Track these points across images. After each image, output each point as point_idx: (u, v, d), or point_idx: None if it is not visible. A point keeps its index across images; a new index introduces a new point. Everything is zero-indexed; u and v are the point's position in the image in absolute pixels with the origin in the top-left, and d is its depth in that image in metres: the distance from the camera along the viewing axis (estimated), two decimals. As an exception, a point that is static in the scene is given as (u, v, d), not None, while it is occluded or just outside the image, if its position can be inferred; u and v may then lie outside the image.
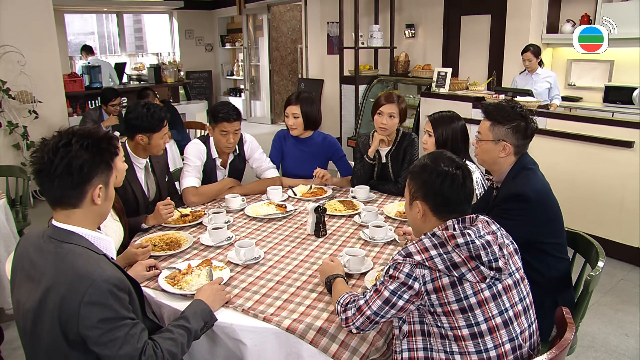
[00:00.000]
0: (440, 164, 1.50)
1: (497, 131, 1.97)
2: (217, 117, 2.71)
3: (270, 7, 9.26)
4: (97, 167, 1.34)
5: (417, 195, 1.52)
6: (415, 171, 1.55)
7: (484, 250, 1.37)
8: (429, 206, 1.50)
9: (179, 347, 1.43)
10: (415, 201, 1.52)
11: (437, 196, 1.48)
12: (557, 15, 5.43)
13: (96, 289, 1.24)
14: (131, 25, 11.63)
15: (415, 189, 1.53)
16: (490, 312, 1.37)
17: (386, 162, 2.89)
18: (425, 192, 1.50)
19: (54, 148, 1.30)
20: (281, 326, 1.55)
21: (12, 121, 4.94)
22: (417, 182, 1.53)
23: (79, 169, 1.30)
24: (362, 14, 6.20)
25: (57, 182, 1.30)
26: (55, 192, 1.32)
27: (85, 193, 1.34)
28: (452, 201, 1.47)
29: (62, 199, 1.34)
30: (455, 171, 1.48)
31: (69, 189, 1.32)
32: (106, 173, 1.37)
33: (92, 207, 1.36)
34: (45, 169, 1.30)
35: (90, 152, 1.32)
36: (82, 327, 1.24)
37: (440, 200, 1.48)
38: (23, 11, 4.98)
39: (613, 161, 3.56)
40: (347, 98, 6.15)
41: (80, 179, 1.31)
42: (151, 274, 1.86)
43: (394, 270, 1.42)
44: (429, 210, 1.50)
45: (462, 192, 1.48)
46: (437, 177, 1.47)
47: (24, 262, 1.37)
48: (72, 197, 1.33)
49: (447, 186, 1.46)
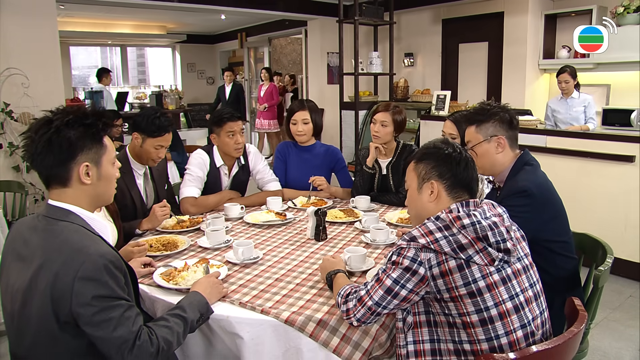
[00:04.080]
0: (452, 146, 1.50)
1: (484, 130, 1.95)
2: (222, 119, 2.70)
3: (271, 40, 9.48)
4: (81, 144, 1.30)
5: (429, 176, 1.48)
6: (425, 152, 1.52)
7: (490, 231, 1.33)
8: (444, 185, 1.46)
9: (175, 336, 1.36)
10: (428, 182, 1.48)
11: (453, 175, 1.46)
12: (553, 41, 5.54)
13: (92, 263, 1.19)
14: (134, 59, 11.88)
15: (427, 170, 1.49)
16: (500, 297, 1.30)
17: (387, 173, 2.87)
18: (440, 171, 1.47)
19: (37, 126, 1.29)
20: (279, 318, 1.49)
21: (13, 142, 4.94)
22: (429, 162, 1.49)
23: (58, 146, 1.27)
24: (362, 44, 6.32)
25: (39, 159, 1.28)
26: (41, 170, 1.30)
27: (70, 171, 1.30)
28: (468, 180, 1.46)
29: (50, 178, 1.31)
30: (464, 154, 1.49)
31: (52, 167, 1.29)
32: (94, 150, 1.32)
33: (82, 186, 1.32)
34: (30, 148, 1.29)
35: (72, 128, 1.28)
36: (75, 304, 1.18)
37: (455, 180, 1.46)
38: (30, 35, 5.07)
39: (614, 177, 3.53)
40: (347, 124, 6.18)
41: (61, 156, 1.28)
42: (146, 271, 1.80)
43: (397, 255, 1.36)
44: (443, 190, 1.46)
45: (474, 171, 1.48)
46: (453, 157, 1.47)
47: (16, 244, 1.33)
48: (57, 175, 1.30)
49: (463, 166, 1.46)
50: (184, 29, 10.18)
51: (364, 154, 2.93)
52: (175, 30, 10.19)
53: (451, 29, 6.22)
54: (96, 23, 9.16)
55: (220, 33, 10.68)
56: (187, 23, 9.51)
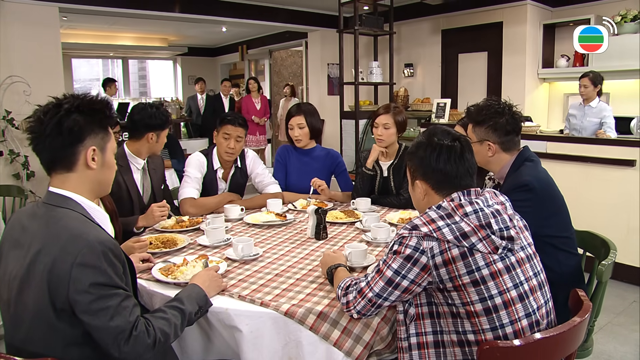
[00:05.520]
0: (433, 138, 1.44)
1: (478, 132, 1.95)
2: (224, 119, 2.73)
3: (271, 52, 9.54)
4: (89, 128, 1.30)
5: (416, 175, 1.47)
6: (411, 151, 1.50)
7: (493, 218, 1.31)
8: (429, 185, 1.44)
9: (172, 328, 1.34)
10: (416, 181, 1.47)
11: (434, 173, 1.42)
12: (552, 50, 5.57)
13: (90, 250, 1.18)
14: (136, 72, 11.96)
15: (413, 169, 1.48)
16: (504, 285, 1.28)
17: (388, 175, 2.86)
18: (423, 170, 1.44)
19: (45, 109, 1.29)
20: (279, 310, 1.47)
21: (13, 150, 4.95)
22: (414, 161, 1.47)
23: (68, 128, 1.27)
24: (362, 55, 6.36)
25: (47, 141, 1.27)
26: (47, 153, 1.29)
27: (77, 154, 1.30)
28: (451, 176, 1.40)
29: (55, 161, 1.30)
30: (451, 143, 1.41)
31: (59, 149, 1.28)
32: (101, 136, 1.33)
33: (87, 171, 1.32)
34: (37, 129, 1.28)
35: (81, 112, 1.29)
36: (72, 291, 1.17)
37: (439, 177, 1.42)
38: (32, 44, 5.10)
39: (615, 181, 3.53)
40: (348, 133, 6.19)
41: (71, 138, 1.28)
42: (145, 267, 1.79)
43: (399, 245, 1.34)
44: (430, 189, 1.44)
45: (461, 164, 1.41)
46: (431, 152, 1.41)
47: (14, 232, 1.31)
48: (64, 158, 1.29)
49: (443, 160, 1.40)
50: (185, 41, 10.27)
51: (365, 156, 2.93)
52: (176, 42, 10.28)
53: (451, 39, 6.27)
54: (98, 35, 9.25)
55: (221, 46, 10.77)
56: (188, 35, 9.59)
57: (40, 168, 1.34)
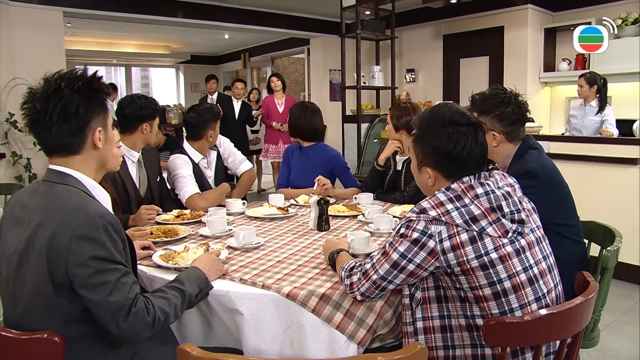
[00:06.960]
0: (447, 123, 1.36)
1: (483, 121, 1.92)
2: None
3: (274, 59, 9.59)
4: (93, 110, 1.29)
5: (426, 162, 1.40)
6: (421, 134, 1.42)
7: (505, 200, 1.28)
8: (441, 172, 1.38)
9: (172, 308, 1.32)
10: (425, 167, 1.41)
11: (449, 162, 1.35)
12: (553, 54, 5.59)
13: (90, 222, 1.17)
14: (139, 80, 12.03)
15: (423, 155, 1.40)
16: (514, 268, 1.24)
17: (401, 169, 2.85)
18: (436, 159, 1.37)
19: (45, 96, 1.24)
20: (281, 292, 1.45)
21: (16, 152, 4.96)
22: (424, 147, 1.39)
23: (75, 113, 1.25)
24: (364, 60, 6.39)
25: (54, 130, 1.25)
26: (54, 141, 1.27)
27: (85, 138, 1.29)
28: (466, 163, 1.34)
29: (62, 147, 1.28)
30: (465, 129, 1.35)
31: (68, 136, 1.27)
32: (102, 115, 1.32)
33: (93, 152, 1.31)
34: (41, 119, 1.24)
35: (83, 94, 1.27)
36: (71, 264, 1.15)
37: (452, 166, 1.35)
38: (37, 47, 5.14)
39: (618, 180, 3.50)
40: (350, 137, 6.19)
41: (78, 124, 1.27)
42: (145, 254, 1.77)
43: (406, 228, 1.30)
44: (441, 176, 1.38)
45: (477, 149, 1.34)
46: (447, 141, 1.33)
47: (15, 210, 1.30)
48: (73, 144, 1.28)
49: (459, 148, 1.33)
50: (188, 49, 10.34)
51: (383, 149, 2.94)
52: (179, 50, 10.35)
53: (452, 44, 6.29)
54: (101, 42, 9.32)
55: (223, 54, 10.83)
56: (191, 43, 9.66)
57: (43, 170, 1.32)
